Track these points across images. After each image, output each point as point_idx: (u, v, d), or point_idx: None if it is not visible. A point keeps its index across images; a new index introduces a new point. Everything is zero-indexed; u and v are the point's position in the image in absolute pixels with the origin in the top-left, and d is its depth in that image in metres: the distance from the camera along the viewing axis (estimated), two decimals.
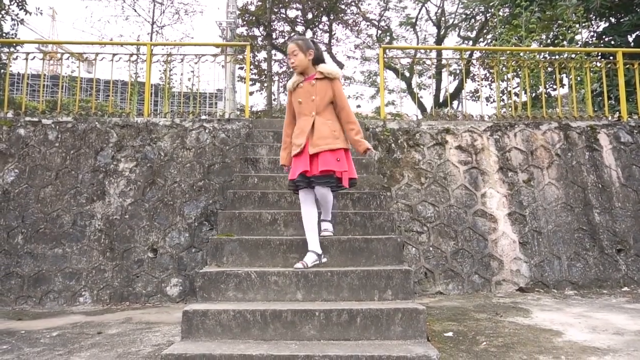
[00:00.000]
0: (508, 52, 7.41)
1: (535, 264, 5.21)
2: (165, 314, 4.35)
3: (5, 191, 5.26)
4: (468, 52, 14.87)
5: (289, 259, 3.31)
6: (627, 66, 6.49)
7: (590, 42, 10.36)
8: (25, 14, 9.48)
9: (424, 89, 20.09)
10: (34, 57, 6.16)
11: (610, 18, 10.40)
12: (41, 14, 10.38)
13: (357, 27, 17.28)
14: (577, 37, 8.93)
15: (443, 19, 18.17)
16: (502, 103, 9.39)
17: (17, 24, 9.51)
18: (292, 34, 15.93)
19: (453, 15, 18.36)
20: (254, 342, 2.66)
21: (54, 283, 4.91)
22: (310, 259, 3.17)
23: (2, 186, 5.29)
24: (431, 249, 5.21)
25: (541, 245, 5.30)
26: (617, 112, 6.47)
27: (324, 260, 3.24)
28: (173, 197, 5.32)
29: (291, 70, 3.32)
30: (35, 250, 5.03)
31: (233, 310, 2.74)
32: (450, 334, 3.33)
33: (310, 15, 15.49)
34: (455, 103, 18.64)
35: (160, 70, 6.64)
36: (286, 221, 3.71)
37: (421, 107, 17.33)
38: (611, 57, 6.82)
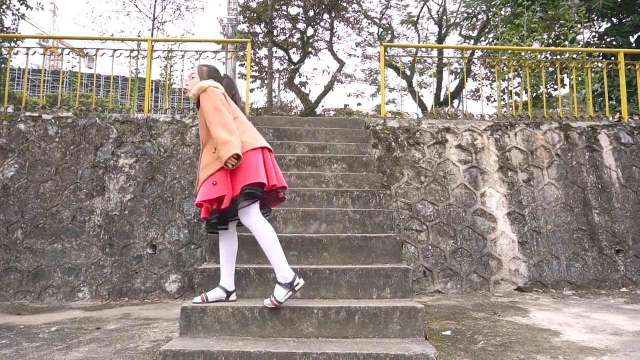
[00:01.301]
0: (509, 51, 7.40)
1: (534, 263, 5.21)
2: (164, 310, 4.36)
3: (5, 186, 5.26)
4: (469, 51, 14.85)
5: (287, 256, 3.28)
6: (629, 67, 6.48)
7: (591, 42, 10.34)
8: (27, 9, 9.46)
9: (425, 87, 20.06)
10: (35, 52, 6.15)
11: (612, 18, 10.38)
12: (42, 9, 10.36)
13: (358, 25, 17.25)
14: (579, 37, 8.91)
15: (444, 17, 18.13)
16: (502, 102, 9.39)
17: (18, 19, 9.48)
18: (294, 31, 15.91)
19: (455, 14, 18.33)
20: (252, 339, 2.67)
21: (53, 278, 4.92)
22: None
23: (2, 181, 5.29)
24: (430, 247, 5.21)
25: (540, 245, 5.30)
26: (618, 113, 6.47)
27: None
28: (172, 193, 5.32)
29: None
30: (34, 245, 5.03)
31: (231, 307, 2.74)
32: (448, 332, 3.34)
33: (311, 13, 15.46)
34: (455, 102, 18.62)
35: (160, 67, 6.64)
36: (285, 218, 3.72)
37: (422, 105, 17.32)
38: (612, 58, 6.81)
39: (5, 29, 8.82)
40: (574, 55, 6.82)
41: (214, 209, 2.70)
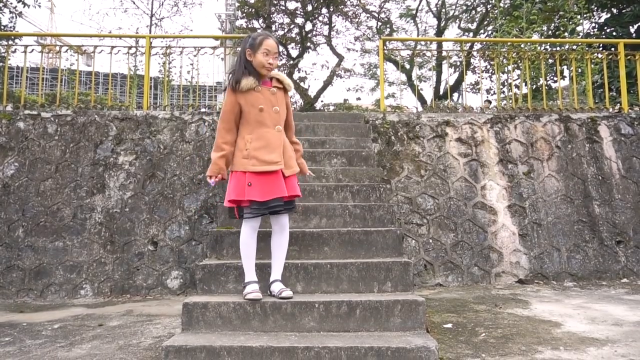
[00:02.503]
0: (509, 43, 7.37)
1: (535, 255, 5.22)
2: (165, 306, 4.37)
3: (5, 184, 5.27)
4: (468, 44, 14.79)
5: (288, 251, 3.29)
6: (629, 57, 6.45)
7: (591, 33, 10.30)
8: (24, 7, 9.43)
9: (424, 81, 20.00)
10: (33, 50, 6.14)
11: (612, 9, 10.34)
12: (39, 6, 10.32)
13: (357, 19, 17.17)
14: (579, 28, 8.88)
15: (443, 10, 18.05)
16: (502, 95, 9.37)
17: (16, 17, 9.46)
18: (292, 26, 15.84)
19: (453, 7, 18.25)
20: (254, 333, 2.68)
21: (55, 276, 4.93)
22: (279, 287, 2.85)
23: (2, 179, 5.29)
24: (431, 241, 5.22)
25: (541, 237, 5.30)
26: (618, 104, 6.45)
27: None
28: (173, 190, 5.32)
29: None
30: (36, 243, 5.04)
31: (233, 302, 2.75)
32: (449, 325, 3.35)
33: (309, 7, 15.39)
34: (455, 95, 18.57)
35: (159, 63, 6.62)
36: None
37: (421, 99, 17.27)
38: (612, 49, 6.78)
39: (2, 27, 8.80)
40: (574, 47, 6.79)
41: (278, 198, 2.78)
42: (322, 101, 16.02)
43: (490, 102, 12.44)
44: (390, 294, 2.94)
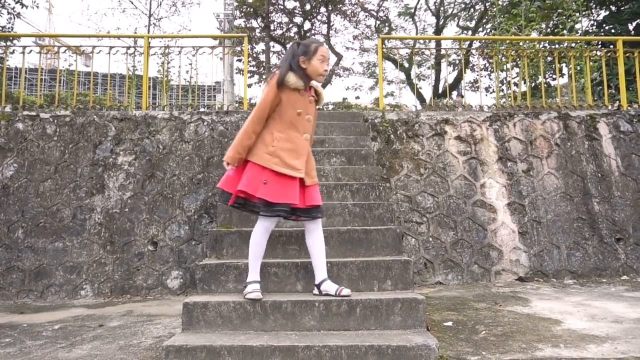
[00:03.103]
0: (507, 41, 7.37)
1: (535, 253, 5.22)
2: (166, 306, 4.37)
3: (4, 185, 5.26)
4: (467, 42, 14.79)
5: (288, 251, 3.32)
6: (627, 55, 6.46)
7: (590, 31, 10.30)
8: (22, 8, 9.43)
9: (423, 79, 20.01)
10: (31, 51, 6.12)
11: (611, 6, 10.34)
12: (37, 7, 10.32)
13: (355, 18, 17.18)
14: (577, 25, 8.88)
15: (442, 8, 18.05)
16: (501, 93, 9.36)
17: (14, 18, 9.45)
18: (290, 25, 15.83)
19: (452, 5, 18.25)
20: (255, 333, 2.68)
21: (55, 277, 4.93)
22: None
23: (2, 181, 5.29)
24: (431, 239, 5.22)
25: (540, 234, 5.31)
26: (617, 101, 6.46)
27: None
28: (172, 190, 5.32)
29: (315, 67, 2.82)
30: (35, 244, 5.04)
31: (233, 302, 2.75)
32: (449, 323, 3.35)
33: (308, 6, 15.38)
34: (454, 93, 18.59)
35: (158, 63, 6.62)
36: None
37: (420, 97, 17.28)
38: (611, 46, 6.79)
39: (0, 28, 8.79)
40: (573, 44, 6.80)
41: (287, 204, 2.74)
42: None
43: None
44: (390, 293, 2.95)
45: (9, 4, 9.18)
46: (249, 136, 2.76)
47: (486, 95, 15.63)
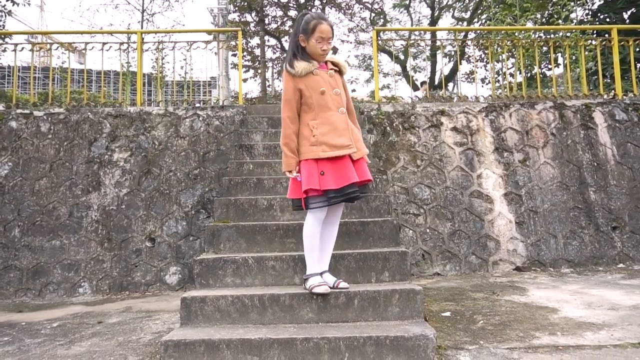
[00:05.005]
0: (503, 32, 7.35)
1: (532, 243, 5.24)
2: (165, 302, 4.38)
3: None
4: (462, 33, 14.75)
5: (285, 244, 3.32)
6: (622, 43, 6.45)
7: (585, 20, 10.28)
8: (13, 5, 9.33)
9: (419, 71, 19.97)
10: (23, 49, 6.08)
11: None
12: (29, 4, 10.22)
13: (350, 10, 17.09)
14: (572, 15, 8.86)
15: (437, 0, 17.97)
16: (497, 84, 9.36)
17: (5, 16, 9.36)
18: (285, 18, 15.73)
19: None
20: (253, 326, 2.68)
21: (52, 275, 4.92)
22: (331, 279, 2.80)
23: None
24: (428, 230, 5.23)
25: (537, 224, 5.33)
26: (612, 90, 6.46)
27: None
28: (169, 186, 5.31)
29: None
30: (32, 242, 5.02)
31: (231, 296, 2.75)
32: (447, 313, 3.37)
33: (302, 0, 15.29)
34: (450, 85, 18.56)
35: (152, 59, 6.59)
36: (282, 207, 3.72)
37: (416, 89, 17.23)
38: (606, 35, 6.77)
39: None
40: (568, 34, 6.78)
41: (352, 184, 2.64)
42: None
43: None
44: (388, 284, 2.95)
45: (0, 2, 9.10)
46: (290, 139, 2.68)
47: (482, 86, 15.61)
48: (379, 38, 6.82)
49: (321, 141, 2.63)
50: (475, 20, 16.40)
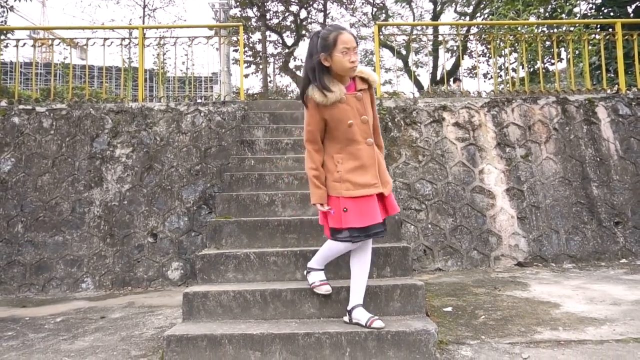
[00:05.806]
0: (505, 26, 7.31)
1: (534, 238, 5.24)
2: (167, 297, 4.39)
3: (2, 180, 5.25)
4: (465, 28, 14.68)
5: (287, 239, 3.32)
6: (626, 38, 6.40)
7: (588, 14, 10.21)
8: (15, 1, 9.32)
9: (421, 67, 19.91)
10: (25, 44, 6.07)
11: None
12: (31, 0, 10.20)
13: (352, 5, 17.03)
14: (576, 9, 8.81)
15: None
16: (499, 79, 9.32)
17: (7, 11, 9.35)
18: (287, 13, 15.68)
19: None
20: (255, 321, 2.69)
21: (55, 270, 4.95)
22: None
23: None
24: (430, 226, 5.23)
25: (539, 219, 5.31)
26: (616, 85, 6.42)
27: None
28: (171, 181, 5.31)
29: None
30: (35, 238, 5.04)
31: (233, 291, 2.76)
32: (449, 308, 3.37)
33: None
34: (451, 80, 18.52)
35: (153, 55, 6.60)
36: (284, 202, 3.72)
37: (418, 85, 17.20)
38: (610, 29, 6.73)
39: None
40: (571, 28, 6.74)
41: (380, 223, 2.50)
42: None
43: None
44: (389, 279, 2.96)
45: None
46: (315, 170, 2.49)
47: (484, 81, 15.54)
48: (380, 33, 6.79)
49: (345, 178, 2.42)
50: (478, 14, 16.32)
